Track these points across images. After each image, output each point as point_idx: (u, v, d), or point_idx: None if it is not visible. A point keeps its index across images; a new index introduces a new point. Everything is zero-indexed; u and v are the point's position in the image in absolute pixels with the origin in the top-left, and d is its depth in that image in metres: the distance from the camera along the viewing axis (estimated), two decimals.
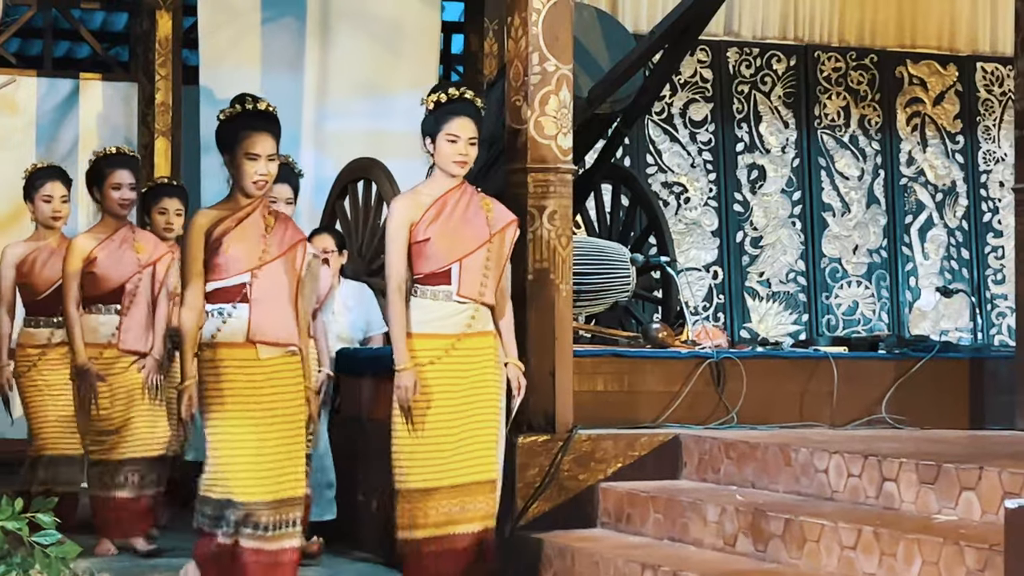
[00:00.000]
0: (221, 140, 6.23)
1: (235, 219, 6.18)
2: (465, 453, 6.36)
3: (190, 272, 6.15)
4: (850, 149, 11.19)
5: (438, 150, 6.48)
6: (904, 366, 8.40)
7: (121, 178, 7.86)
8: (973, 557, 5.43)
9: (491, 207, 6.56)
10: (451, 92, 6.51)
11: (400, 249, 6.43)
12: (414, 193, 6.55)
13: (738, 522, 6.42)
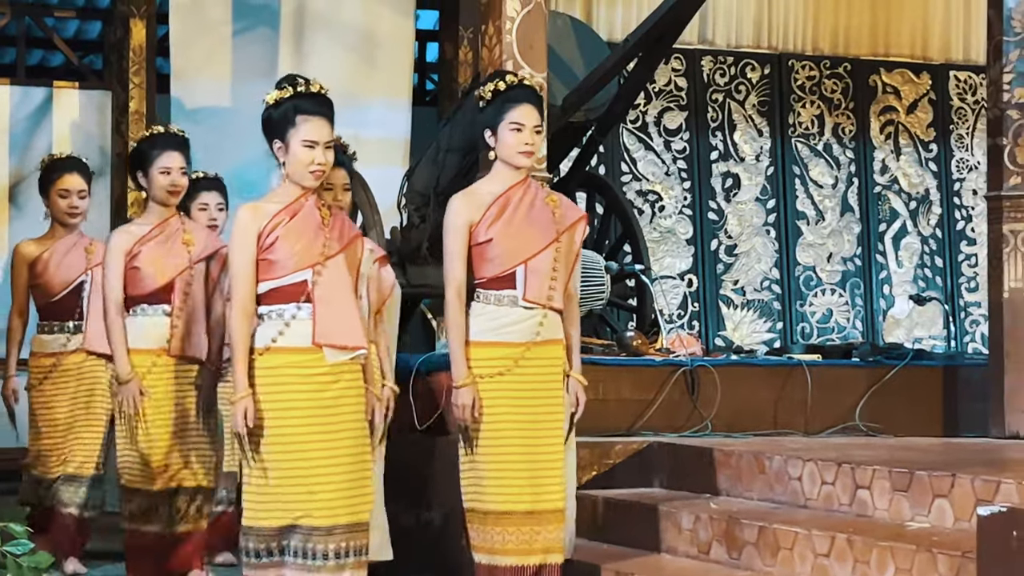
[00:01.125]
0: (270, 126, 5.65)
1: (289, 211, 5.60)
2: (540, 477, 5.88)
3: (240, 272, 5.58)
4: (824, 157, 11.22)
5: (500, 141, 5.94)
6: (878, 374, 8.43)
7: (171, 161, 6.87)
8: (946, 564, 5.45)
9: (558, 203, 6.04)
10: (509, 79, 6.01)
11: (459, 252, 5.91)
12: (472, 191, 6.04)
13: (712, 530, 6.43)
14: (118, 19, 10.72)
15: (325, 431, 5.46)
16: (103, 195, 10.65)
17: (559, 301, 5.96)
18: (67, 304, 7.60)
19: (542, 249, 5.92)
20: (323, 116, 5.61)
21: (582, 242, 6.12)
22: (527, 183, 6.01)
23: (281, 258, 5.55)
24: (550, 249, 5.94)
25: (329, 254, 5.58)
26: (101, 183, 10.77)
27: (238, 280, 5.57)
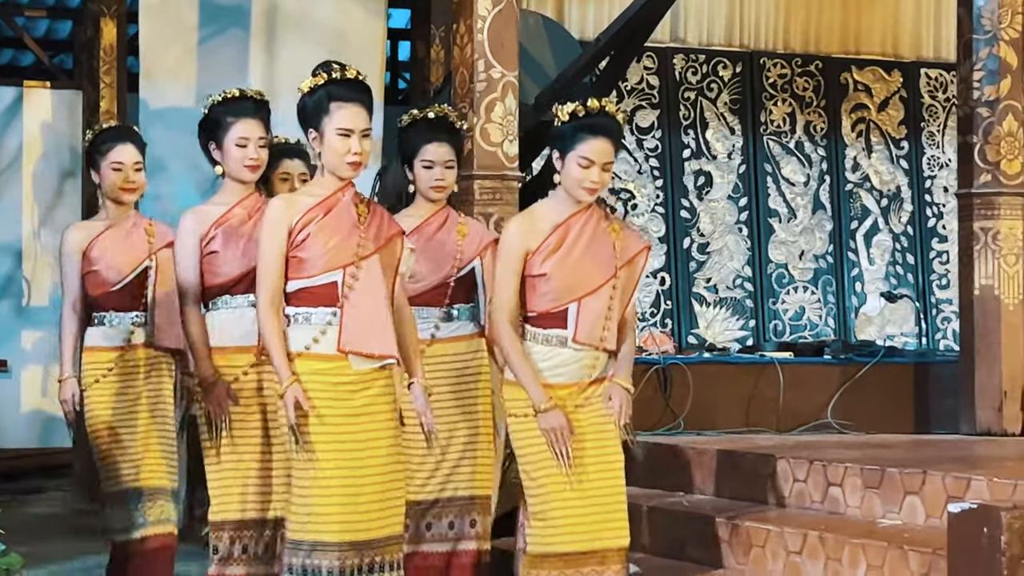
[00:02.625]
0: (304, 115, 5.37)
1: (323, 206, 5.32)
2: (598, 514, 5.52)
3: (269, 266, 5.30)
4: (796, 155, 11.24)
5: (566, 170, 5.53)
6: (849, 371, 8.46)
7: (248, 131, 6.01)
8: (917, 561, 5.47)
9: (619, 232, 5.63)
10: (591, 105, 5.56)
11: (512, 280, 5.55)
12: (531, 215, 5.65)
13: (684, 528, 6.44)
14: (88, 18, 10.70)
15: (354, 440, 5.23)
16: (74, 195, 10.64)
17: (612, 342, 5.58)
18: (128, 294, 6.62)
19: (598, 287, 5.56)
20: (359, 103, 5.35)
21: (644, 269, 5.73)
22: (590, 211, 5.63)
23: (311, 256, 5.29)
24: (607, 286, 5.57)
25: (363, 254, 5.31)
26: (71, 183, 10.77)
27: (266, 275, 5.31)
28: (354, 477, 5.21)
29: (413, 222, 6.14)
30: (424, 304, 6.14)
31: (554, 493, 5.48)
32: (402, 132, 6.27)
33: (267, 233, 5.33)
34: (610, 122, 5.56)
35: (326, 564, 5.19)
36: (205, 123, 6.07)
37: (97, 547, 7.70)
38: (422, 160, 6.17)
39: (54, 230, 10.83)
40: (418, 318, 5.98)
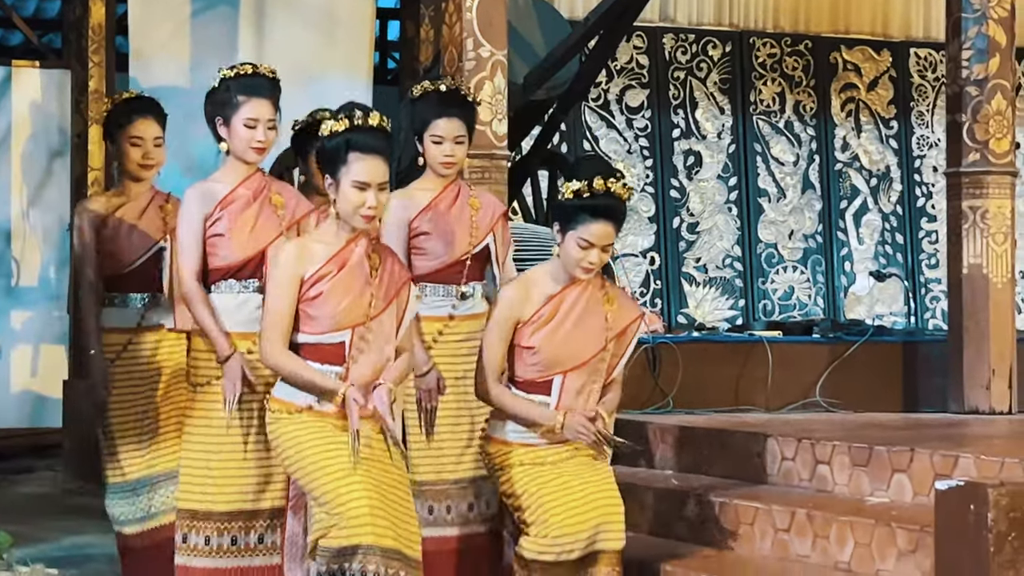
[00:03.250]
0: (322, 158, 5.22)
1: (337, 261, 5.21)
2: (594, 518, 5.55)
3: (280, 316, 5.19)
4: (785, 135, 11.25)
5: (565, 248, 5.51)
6: (838, 350, 8.47)
7: (258, 112, 5.83)
8: (905, 538, 5.49)
9: (614, 303, 5.65)
10: (596, 186, 5.44)
11: (500, 345, 5.58)
12: (527, 284, 5.65)
13: (673, 506, 6.45)
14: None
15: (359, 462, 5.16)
16: (63, 175, 10.62)
17: (595, 404, 5.63)
18: (141, 275, 6.50)
19: (585, 362, 5.59)
20: (379, 154, 5.17)
21: (637, 336, 5.71)
22: (586, 281, 5.61)
23: (322, 315, 5.20)
24: (595, 359, 5.60)
25: (374, 314, 5.22)
26: (60, 163, 10.75)
27: (275, 323, 5.20)
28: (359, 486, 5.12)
29: (424, 197, 6.04)
30: (440, 282, 6.07)
31: (549, 504, 5.51)
32: (412, 104, 6.15)
33: (277, 283, 5.23)
34: (615, 204, 5.49)
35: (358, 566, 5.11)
36: (213, 96, 5.89)
37: (88, 526, 7.72)
38: (432, 135, 6.05)
39: (43, 210, 10.82)
40: (434, 296, 6.00)
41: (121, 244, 6.46)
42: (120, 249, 6.46)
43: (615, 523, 5.57)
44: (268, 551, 5.81)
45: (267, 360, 5.27)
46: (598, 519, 5.54)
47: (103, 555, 7.10)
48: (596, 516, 5.54)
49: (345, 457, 5.15)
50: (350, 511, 5.05)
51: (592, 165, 5.64)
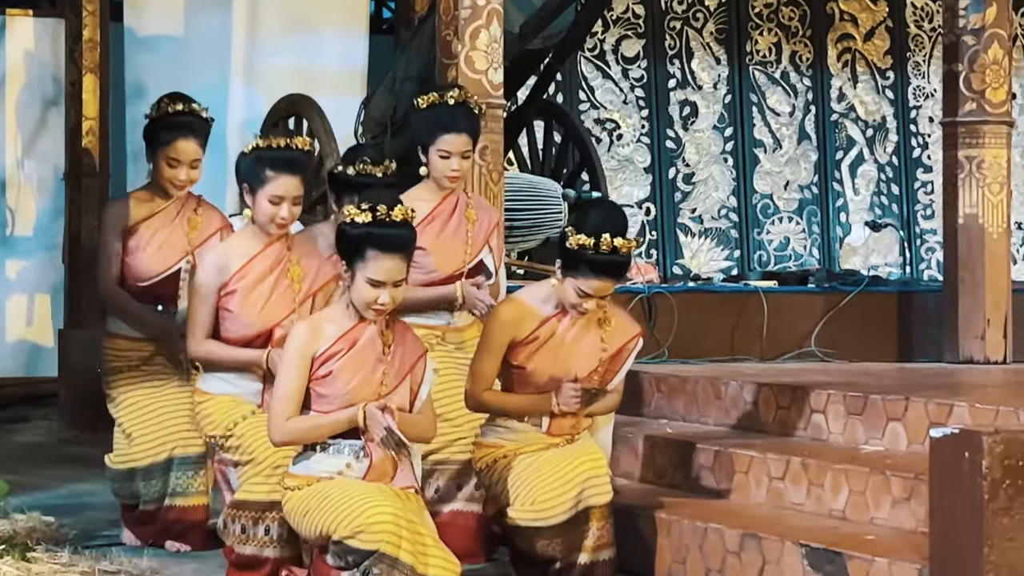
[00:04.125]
0: (342, 245, 5.21)
1: (348, 339, 5.23)
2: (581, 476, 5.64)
3: (288, 397, 5.21)
4: (781, 85, 11.22)
5: (565, 288, 5.60)
6: (833, 300, 8.48)
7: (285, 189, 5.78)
8: (899, 486, 5.50)
9: (611, 320, 5.74)
10: (603, 243, 5.49)
11: (492, 362, 5.68)
12: (521, 305, 5.72)
13: (668, 454, 6.46)
14: None
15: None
16: (58, 124, 10.59)
17: (579, 428, 5.74)
18: (160, 289, 6.54)
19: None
20: (399, 253, 5.16)
21: (632, 356, 5.77)
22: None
23: (332, 393, 5.22)
24: (585, 380, 5.68)
25: (385, 392, 5.24)
26: (55, 112, 10.72)
27: (285, 405, 5.21)
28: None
29: (422, 208, 6.03)
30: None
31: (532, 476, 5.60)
32: (418, 114, 6.18)
33: (288, 363, 5.23)
34: (618, 262, 5.55)
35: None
36: (243, 162, 5.84)
37: (84, 475, 7.73)
38: (439, 149, 6.09)
39: (38, 160, 10.79)
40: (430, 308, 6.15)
41: (143, 258, 6.47)
42: (141, 263, 6.47)
43: (601, 477, 5.64)
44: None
45: (276, 439, 5.29)
46: (584, 476, 5.61)
47: (100, 503, 7.12)
48: (581, 474, 5.61)
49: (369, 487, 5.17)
50: (373, 518, 5.07)
51: (602, 215, 5.63)
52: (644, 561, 5.86)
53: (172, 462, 6.34)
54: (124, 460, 6.43)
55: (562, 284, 5.61)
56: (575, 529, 5.62)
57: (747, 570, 5.50)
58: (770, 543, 5.43)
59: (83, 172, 10.22)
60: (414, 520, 5.18)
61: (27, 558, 5.66)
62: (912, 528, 5.39)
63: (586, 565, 5.64)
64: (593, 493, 5.62)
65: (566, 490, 5.59)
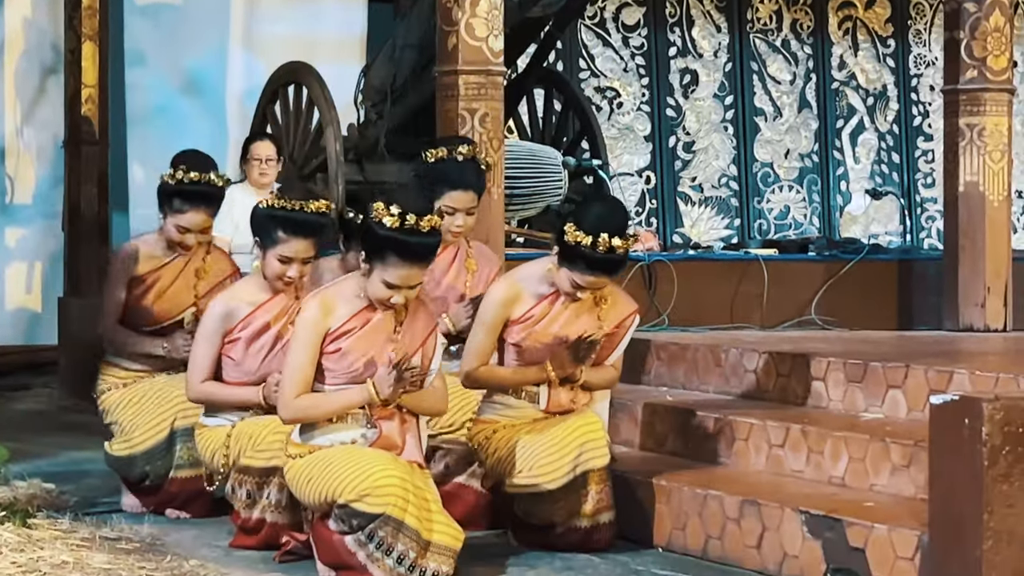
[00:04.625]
0: (366, 243, 5.23)
1: (362, 318, 5.26)
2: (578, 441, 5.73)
3: (296, 375, 5.26)
4: (782, 53, 11.19)
5: (560, 275, 5.68)
6: (833, 268, 8.48)
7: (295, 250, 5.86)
8: (899, 453, 5.51)
9: (608, 298, 5.80)
10: (600, 243, 5.55)
11: (487, 340, 5.77)
12: (518, 284, 5.80)
13: (668, 422, 6.47)
14: None
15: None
16: (57, 93, 10.57)
17: (577, 402, 5.80)
18: (163, 335, 6.56)
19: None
20: (420, 263, 5.21)
21: (629, 332, 5.85)
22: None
23: (340, 369, 5.28)
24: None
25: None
26: (54, 80, 10.70)
27: (294, 381, 5.27)
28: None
29: None
30: None
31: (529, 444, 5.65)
32: (426, 167, 6.18)
33: (300, 340, 5.27)
34: (615, 262, 5.62)
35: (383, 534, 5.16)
36: (256, 218, 5.86)
37: (84, 442, 7.73)
38: (445, 205, 6.08)
39: (37, 127, 10.77)
40: None
41: (149, 307, 6.52)
42: (145, 311, 6.52)
43: (598, 441, 5.69)
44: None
45: (285, 417, 5.33)
46: (581, 440, 5.67)
47: (100, 470, 7.11)
48: (578, 439, 5.67)
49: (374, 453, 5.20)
50: (379, 481, 5.10)
51: (602, 213, 5.65)
52: (644, 528, 5.87)
53: (175, 436, 6.34)
54: (124, 447, 6.43)
55: (558, 270, 5.67)
56: (574, 493, 5.66)
57: (746, 537, 5.51)
58: (770, 510, 5.44)
59: (82, 140, 10.21)
60: (420, 486, 5.20)
61: (28, 525, 5.67)
62: (912, 495, 5.40)
63: (587, 528, 5.69)
64: (591, 457, 5.66)
65: (563, 455, 5.64)
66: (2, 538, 5.45)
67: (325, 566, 5.29)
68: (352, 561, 5.16)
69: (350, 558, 5.17)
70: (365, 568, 5.14)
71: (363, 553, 5.14)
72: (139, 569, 5.30)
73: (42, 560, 5.29)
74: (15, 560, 5.26)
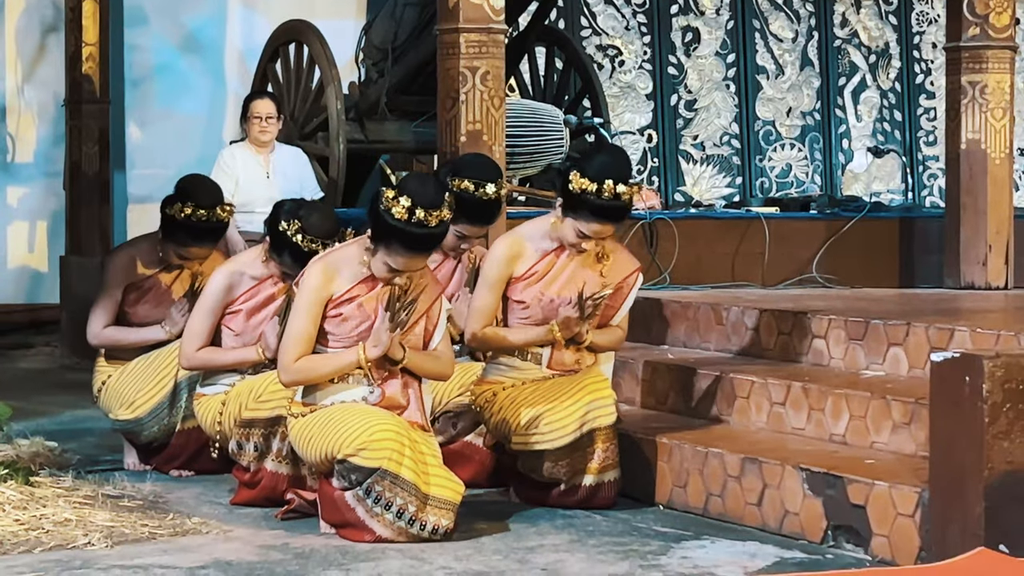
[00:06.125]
0: (373, 222, 5.24)
1: (367, 285, 5.31)
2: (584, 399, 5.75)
3: (298, 338, 5.29)
4: (784, 11, 11.15)
5: (564, 226, 5.70)
6: (835, 226, 8.47)
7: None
8: (899, 411, 5.52)
9: (610, 256, 5.82)
10: (606, 188, 5.57)
11: (491, 297, 5.77)
12: (520, 240, 5.81)
13: (669, 379, 6.48)
14: None
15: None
16: (57, 52, 10.55)
17: (582, 362, 5.81)
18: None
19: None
20: (424, 253, 5.27)
21: (633, 291, 5.86)
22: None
23: (342, 334, 5.31)
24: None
25: (398, 337, 5.28)
26: (54, 38, 10.68)
27: (293, 344, 5.28)
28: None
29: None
30: None
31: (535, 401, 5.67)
32: (451, 193, 6.12)
33: (303, 303, 5.28)
34: (620, 209, 5.64)
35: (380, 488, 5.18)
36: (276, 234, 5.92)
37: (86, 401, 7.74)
38: (456, 230, 6.04)
39: (38, 86, 10.76)
40: None
41: (143, 310, 6.56)
42: (140, 314, 6.57)
43: (605, 400, 5.71)
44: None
45: (285, 380, 5.36)
46: (588, 399, 5.68)
47: (101, 429, 7.14)
48: (585, 396, 5.68)
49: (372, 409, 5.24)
50: (375, 435, 5.13)
51: (606, 161, 5.67)
52: (645, 485, 5.88)
53: (179, 387, 6.36)
54: (128, 411, 6.44)
55: (562, 222, 5.68)
56: (580, 451, 5.67)
57: (747, 494, 5.52)
58: (771, 467, 5.45)
59: (83, 98, 10.20)
60: (418, 440, 5.22)
61: (30, 482, 5.69)
62: (912, 452, 5.41)
63: (591, 487, 5.70)
64: (598, 415, 5.67)
65: (570, 412, 5.65)
66: (5, 496, 5.46)
67: (327, 523, 5.31)
68: (352, 517, 5.19)
69: (350, 514, 5.19)
70: (365, 523, 5.16)
71: (362, 508, 5.16)
72: (141, 527, 5.32)
73: (45, 518, 5.31)
74: (18, 518, 5.29)
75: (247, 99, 8.60)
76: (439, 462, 5.26)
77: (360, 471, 5.13)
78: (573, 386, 5.71)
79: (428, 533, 5.16)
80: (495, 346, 5.83)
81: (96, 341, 6.62)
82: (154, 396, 6.40)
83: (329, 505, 5.28)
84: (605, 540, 5.28)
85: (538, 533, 5.38)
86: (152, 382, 6.41)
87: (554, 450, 5.66)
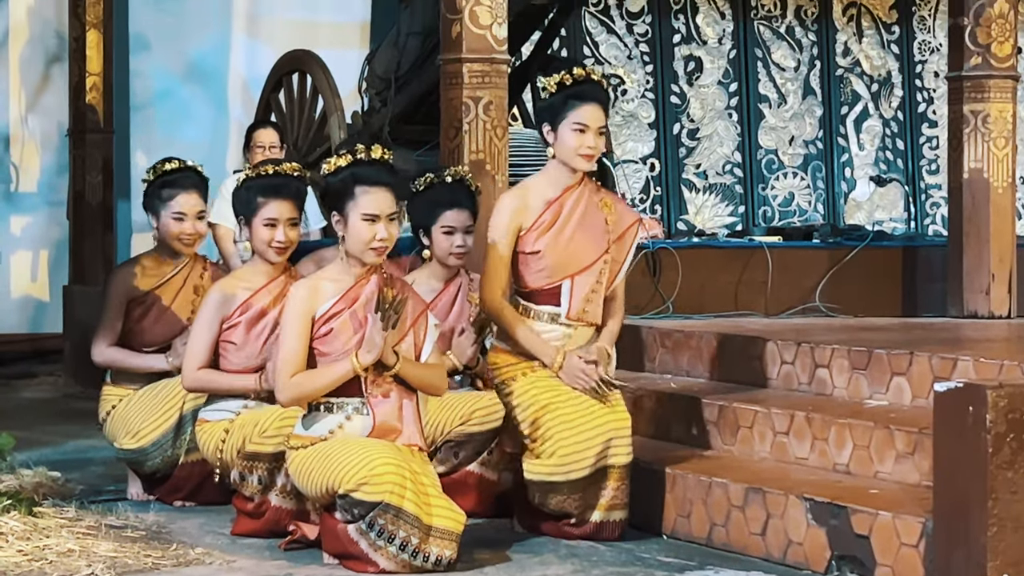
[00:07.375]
0: (328, 197, 5.30)
1: (348, 299, 5.30)
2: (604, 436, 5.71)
3: (289, 360, 5.28)
4: (786, 40, 11.18)
5: (560, 140, 5.66)
6: (838, 255, 8.48)
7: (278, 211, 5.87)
8: (903, 440, 5.51)
9: (611, 207, 5.80)
10: (577, 73, 5.65)
11: (504, 255, 5.71)
12: (524, 192, 5.77)
13: (672, 409, 6.47)
14: None
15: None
16: (61, 82, 10.58)
17: (596, 314, 5.78)
18: (161, 350, 6.60)
19: (591, 264, 5.73)
20: (386, 186, 5.24)
21: (634, 245, 5.88)
22: (582, 184, 5.76)
23: (334, 351, 5.28)
24: (599, 262, 5.74)
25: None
26: (58, 68, 10.71)
27: (286, 364, 5.28)
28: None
29: (427, 295, 6.00)
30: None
31: (557, 426, 5.63)
32: (417, 196, 6.19)
33: (290, 324, 5.29)
34: (597, 88, 5.68)
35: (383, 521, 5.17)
36: (236, 198, 5.93)
37: (89, 431, 7.75)
38: (442, 226, 6.09)
39: (41, 116, 10.79)
40: None
41: (147, 327, 6.55)
42: (144, 330, 6.56)
43: (624, 439, 5.70)
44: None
45: (283, 399, 5.36)
46: (607, 435, 5.66)
47: (104, 458, 7.14)
48: (605, 433, 5.67)
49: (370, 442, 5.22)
50: (376, 469, 5.12)
51: (564, 64, 5.80)
52: (649, 515, 5.88)
53: (184, 419, 6.35)
54: (133, 440, 6.42)
55: (558, 140, 5.67)
56: (592, 486, 5.66)
57: (751, 524, 5.51)
58: (774, 497, 5.44)
59: (87, 128, 10.23)
60: (418, 471, 5.21)
61: (33, 513, 5.69)
62: (916, 482, 5.40)
63: (596, 523, 5.70)
64: (615, 453, 5.68)
65: (589, 446, 5.63)
66: (8, 526, 5.46)
67: (330, 555, 5.30)
68: (355, 550, 5.18)
69: (353, 547, 5.18)
70: (368, 556, 5.15)
71: (365, 542, 5.15)
72: (144, 557, 5.32)
73: (48, 548, 5.31)
74: (21, 548, 5.28)
75: (250, 128, 8.63)
76: (439, 491, 5.25)
77: (362, 505, 5.13)
78: (595, 416, 5.66)
79: (431, 565, 5.15)
80: (504, 324, 5.73)
81: (100, 359, 6.60)
82: (159, 427, 6.38)
83: (332, 537, 5.27)
84: (609, 571, 5.27)
85: (541, 563, 5.37)
86: (157, 412, 6.40)
87: (567, 483, 5.65)
